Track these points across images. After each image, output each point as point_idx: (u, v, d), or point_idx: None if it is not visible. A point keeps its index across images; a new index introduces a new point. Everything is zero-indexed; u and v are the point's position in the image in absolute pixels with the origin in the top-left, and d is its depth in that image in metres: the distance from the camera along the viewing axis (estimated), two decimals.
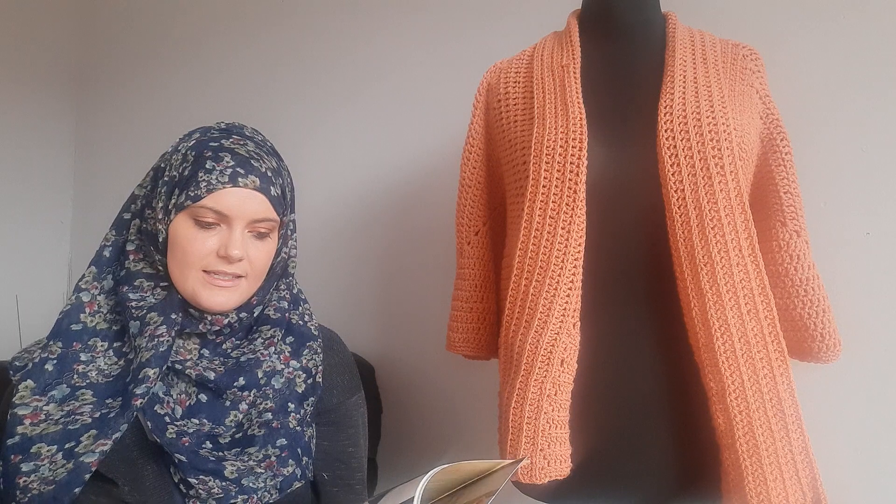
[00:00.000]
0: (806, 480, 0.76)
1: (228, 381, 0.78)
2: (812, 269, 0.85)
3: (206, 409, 0.79)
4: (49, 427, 0.72)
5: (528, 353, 0.80)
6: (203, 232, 0.77)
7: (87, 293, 0.81)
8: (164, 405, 0.77)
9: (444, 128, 1.33)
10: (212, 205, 0.75)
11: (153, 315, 0.78)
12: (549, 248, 0.80)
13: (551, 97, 0.85)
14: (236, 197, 0.76)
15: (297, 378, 0.84)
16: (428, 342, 1.32)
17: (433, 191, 1.36)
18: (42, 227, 1.93)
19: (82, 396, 0.75)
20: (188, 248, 0.76)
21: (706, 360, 0.77)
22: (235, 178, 0.76)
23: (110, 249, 0.84)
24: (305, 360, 0.85)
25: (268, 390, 0.80)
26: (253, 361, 0.80)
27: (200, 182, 0.76)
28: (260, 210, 0.78)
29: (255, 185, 0.77)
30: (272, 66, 1.64)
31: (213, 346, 0.82)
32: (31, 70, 1.90)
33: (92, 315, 0.80)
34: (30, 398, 0.74)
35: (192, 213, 0.76)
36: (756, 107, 0.87)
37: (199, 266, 0.77)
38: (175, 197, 0.77)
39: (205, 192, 0.75)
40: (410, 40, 1.42)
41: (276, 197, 0.79)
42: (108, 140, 1.95)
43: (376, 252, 1.46)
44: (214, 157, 0.77)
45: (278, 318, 0.85)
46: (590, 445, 0.82)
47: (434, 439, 1.34)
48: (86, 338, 0.79)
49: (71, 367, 0.77)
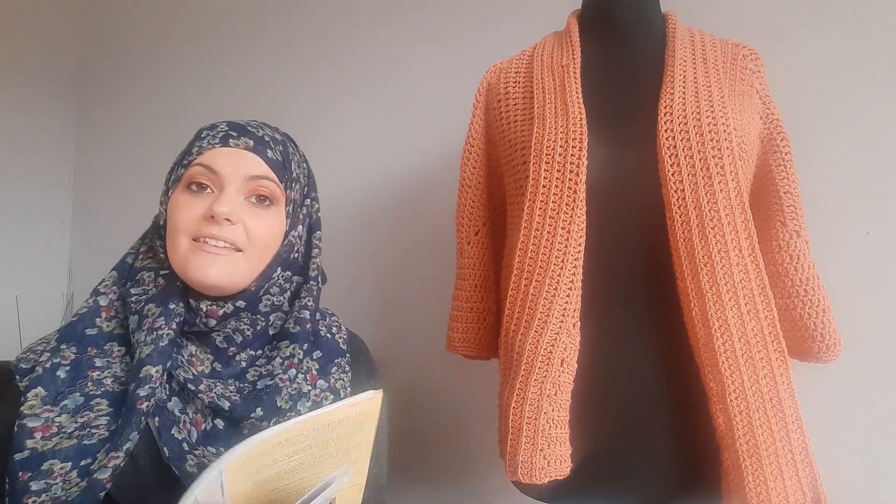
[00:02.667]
0: (806, 480, 0.76)
1: (244, 411, 0.72)
2: (812, 269, 0.85)
3: (222, 437, 0.72)
4: (62, 441, 0.65)
5: (528, 353, 0.80)
6: (194, 197, 0.72)
7: (104, 297, 0.76)
8: (182, 427, 0.70)
9: (444, 128, 1.33)
10: (201, 161, 0.72)
11: (151, 306, 0.72)
12: (549, 248, 0.80)
13: (551, 97, 0.85)
14: (227, 155, 0.72)
15: (325, 401, 0.78)
16: (428, 342, 1.31)
17: (433, 191, 1.36)
18: (42, 227, 1.93)
19: (97, 407, 0.69)
20: (177, 214, 0.72)
21: (706, 360, 0.77)
22: (227, 139, 0.73)
23: (132, 256, 0.80)
24: (333, 380, 0.80)
25: (292, 416, 0.72)
26: (272, 388, 0.74)
27: (193, 149, 0.73)
28: (254, 168, 0.73)
29: (247, 146, 0.73)
30: (272, 67, 1.64)
31: (225, 358, 0.76)
32: (31, 70, 1.90)
33: (108, 320, 0.75)
34: (40, 408, 0.67)
35: (185, 181, 0.73)
36: (756, 107, 0.87)
37: (188, 232, 0.71)
38: (174, 173, 0.75)
39: (195, 156, 0.72)
40: (409, 41, 1.42)
41: (273, 160, 0.74)
42: (108, 140, 1.95)
43: (376, 252, 1.45)
44: (210, 127, 0.75)
45: (298, 332, 0.78)
46: (590, 445, 0.82)
47: (434, 439, 1.34)
48: (102, 343, 0.73)
49: (85, 374, 0.71)
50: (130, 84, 1.92)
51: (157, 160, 1.82)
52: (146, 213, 0.78)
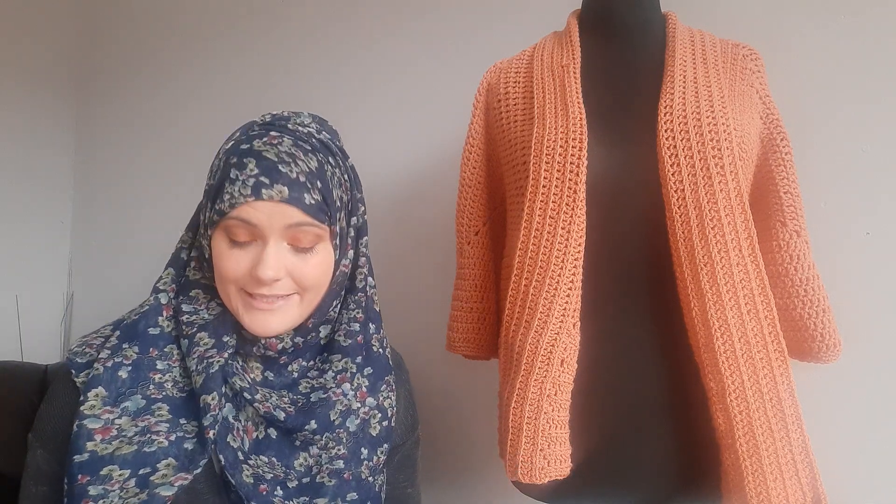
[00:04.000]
0: (806, 480, 0.76)
1: (299, 423, 0.71)
2: (812, 269, 0.85)
3: (275, 446, 0.72)
4: (122, 447, 0.65)
5: (528, 353, 0.80)
6: (236, 250, 0.69)
7: (164, 295, 0.74)
8: (236, 434, 0.69)
9: (444, 128, 1.33)
10: (237, 215, 0.67)
11: (203, 335, 0.71)
12: (549, 248, 0.80)
13: (551, 97, 0.85)
14: (262, 212, 0.67)
15: (373, 419, 0.77)
16: (428, 342, 1.31)
17: (433, 191, 1.36)
18: (42, 227, 1.93)
19: (158, 412, 0.68)
20: (221, 267, 0.69)
21: (706, 360, 0.77)
22: (259, 190, 0.66)
23: (186, 252, 0.77)
24: (381, 399, 0.78)
25: (341, 433, 0.73)
26: (326, 402, 0.73)
27: (225, 195, 0.67)
28: (293, 217, 0.68)
29: (282, 196, 0.67)
30: (273, 68, 1.64)
31: (277, 367, 0.75)
32: (31, 70, 1.90)
33: (168, 319, 0.73)
34: (101, 409, 0.66)
35: (224, 228, 0.69)
36: (756, 107, 0.87)
37: (237, 286, 0.70)
38: (209, 210, 0.70)
39: (228, 207, 0.67)
40: (409, 41, 1.42)
41: (312, 205, 0.68)
42: (108, 140, 1.95)
43: (375, 252, 1.45)
44: (239, 163, 0.67)
45: (350, 346, 0.76)
46: (590, 445, 0.82)
47: (434, 439, 1.34)
48: (162, 344, 0.72)
49: (147, 376, 0.69)
50: (131, 84, 1.92)
51: (157, 160, 1.83)
52: (146, 213, 0.77)
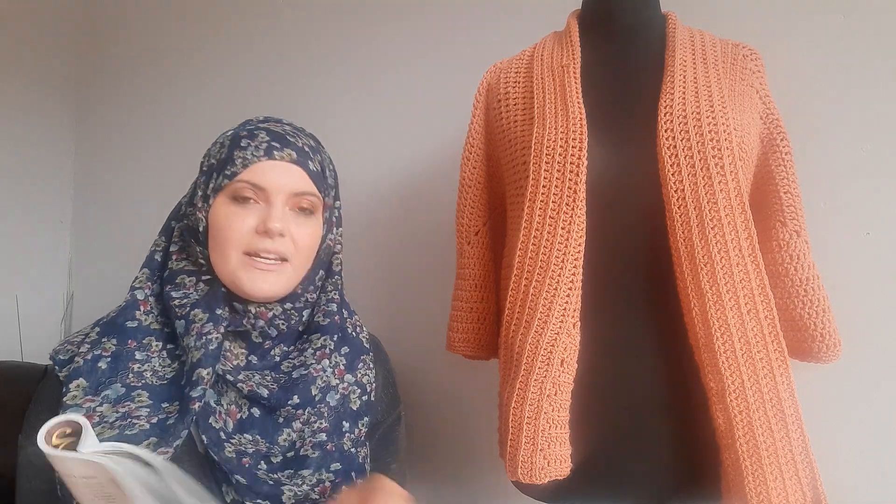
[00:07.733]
0: (806, 480, 0.76)
1: (282, 398, 0.75)
2: (812, 269, 0.85)
3: (258, 424, 0.75)
4: (104, 431, 0.68)
5: (528, 353, 0.80)
6: (242, 209, 0.74)
7: (140, 291, 0.79)
8: (218, 417, 0.73)
9: (444, 128, 1.33)
10: (248, 177, 0.73)
11: (197, 312, 0.75)
12: (549, 248, 0.80)
13: (551, 97, 0.85)
14: (273, 170, 0.74)
15: (352, 394, 0.81)
16: (428, 342, 1.31)
17: (433, 191, 1.35)
18: (42, 227, 1.93)
19: (138, 398, 0.71)
20: (227, 226, 0.74)
21: (706, 360, 0.77)
22: (271, 151, 0.74)
23: (160, 254, 0.81)
24: (360, 375, 0.83)
25: (322, 408, 0.77)
26: (307, 377, 0.78)
27: (236, 159, 0.74)
28: (299, 183, 0.76)
29: (291, 158, 0.75)
30: (272, 68, 1.64)
31: (260, 352, 0.79)
32: (31, 70, 1.90)
33: (146, 314, 0.78)
34: (82, 398, 0.70)
35: (229, 193, 0.74)
36: (756, 107, 0.87)
37: (239, 247, 0.74)
38: (213, 181, 0.76)
39: (240, 168, 0.73)
40: (409, 41, 1.42)
41: (314, 171, 0.77)
42: (108, 140, 1.95)
43: (375, 252, 1.45)
44: (249, 135, 0.76)
45: (328, 325, 0.82)
46: (590, 445, 0.82)
47: (434, 439, 1.34)
48: (140, 336, 0.76)
49: (126, 366, 0.73)
50: (131, 84, 1.92)
51: (157, 160, 1.83)
52: (146, 213, 0.78)
